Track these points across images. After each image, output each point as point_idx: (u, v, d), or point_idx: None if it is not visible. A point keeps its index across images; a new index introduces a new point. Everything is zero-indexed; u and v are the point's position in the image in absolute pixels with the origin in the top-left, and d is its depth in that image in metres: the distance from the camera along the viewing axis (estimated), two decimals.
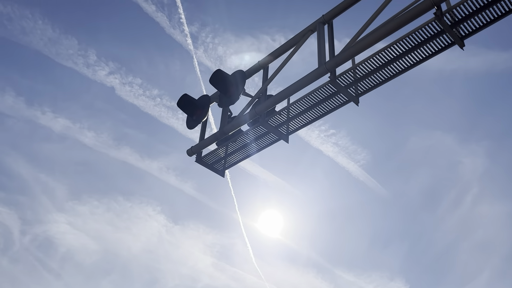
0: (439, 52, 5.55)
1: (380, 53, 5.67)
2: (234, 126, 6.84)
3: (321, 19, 6.38)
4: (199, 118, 7.28)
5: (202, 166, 7.50)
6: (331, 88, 6.18)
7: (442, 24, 5.14)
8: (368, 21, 5.66)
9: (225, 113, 7.27)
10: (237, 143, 7.19)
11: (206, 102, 7.41)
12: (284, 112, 6.66)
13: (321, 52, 6.13)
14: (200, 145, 7.32)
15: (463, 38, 5.38)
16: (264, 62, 7.07)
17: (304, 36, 6.52)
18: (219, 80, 6.82)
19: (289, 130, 6.95)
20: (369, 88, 6.14)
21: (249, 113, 6.71)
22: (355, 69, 5.93)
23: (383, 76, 5.97)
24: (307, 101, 6.43)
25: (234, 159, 7.50)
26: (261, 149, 7.23)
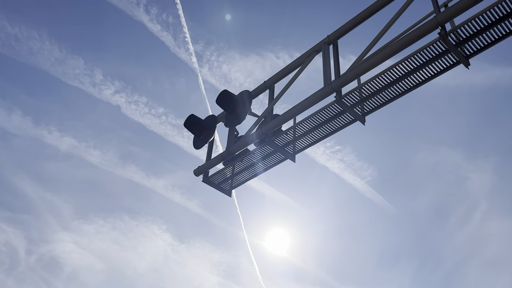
0: (444, 71, 5.58)
1: (385, 73, 5.71)
2: (241, 145, 6.86)
3: (326, 39, 6.45)
4: (206, 138, 7.31)
5: (209, 186, 7.51)
6: (337, 108, 6.21)
7: (447, 44, 5.18)
8: (373, 41, 5.71)
9: (232, 133, 7.30)
10: (244, 162, 7.21)
11: (212, 122, 7.46)
12: (291, 131, 6.68)
13: (327, 71, 6.18)
14: (207, 165, 7.34)
15: (468, 57, 5.41)
16: (270, 82, 7.13)
17: (310, 56, 6.59)
18: (225, 101, 6.88)
19: (295, 150, 6.96)
20: (375, 107, 6.16)
21: (255, 132, 6.74)
22: (360, 89, 5.97)
23: (389, 95, 5.99)
24: (313, 121, 6.46)
25: (241, 179, 7.50)
26: (268, 169, 7.24)
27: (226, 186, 7.66)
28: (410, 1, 5.53)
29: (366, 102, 6.12)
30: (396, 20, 5.65)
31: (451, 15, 4.93)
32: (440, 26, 5.02)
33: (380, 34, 5.67)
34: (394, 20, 5.62)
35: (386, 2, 5.91)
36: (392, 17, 5.62)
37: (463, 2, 4.84)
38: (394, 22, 5.64)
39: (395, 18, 5.60)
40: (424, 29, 5.11)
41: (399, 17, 5.64)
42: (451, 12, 4.92)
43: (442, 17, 4.97)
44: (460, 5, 4.85)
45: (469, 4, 4.83)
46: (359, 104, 6.15)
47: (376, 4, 5.98)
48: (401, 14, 5.59)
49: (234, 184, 7.61)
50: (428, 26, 5.07)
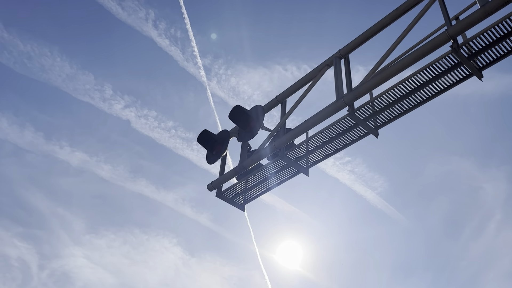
0: (457, 83, 5.59)
1: (398, 86, 5.72)
2: (254, 160, 6.90)
3: (337, 53, 6.50)
4: (219, 153, 7.36)
5: (223, 200, 7.53)
6: (350, 121, 6.23)
7: (459, 57, 5.19)
8: (385, 55, 5.74)
9: (245, 148, 7.34)
10: (257, 177, 7.23)
11: (225, 137, 7.51)
12: (303, 145, 6.70)
13: (339, 85, 6.21)
14: (221, 179, 7.37)
15: (481, 69, 5.42)
16: (282, 96, 7.18)
17: (321, 70, 6.63)
18: (238, 116, 6.93)
19: (308, 163, 6.97)
20: (388, 120, 6.17)
21: (268, 147, 6.77)
22: (373, 102, 5.99)
23: (402, 108, 6.00)
24: (326, 134, 6.48)
25: (254, 193, 7.52)
26: (281, 183, 7.25)
27: (239, 200, 7.68)
28: (421, 15, 5.57)
29: (379, 115, 6.13)
30: (408, 33, 5.69)
31: (462, 28, 4.95)
32: (452, 39, 5.04)
33: (392, 48, 5.70)
34: (405, 34, 5.65)
35: (397, 16, 5.96)
36: (404, 30, 5.65)
37: (474, 15, 4.86)
38: (405, 36, 5.67)
39: (407, 32, 5.63)
40: (436, 42, 5.13)
41: (411, 30, 5.67)
42: (462, 25, 4.94)
43: (454, 30, 4.99)
44: (471, 18, 4.87)
45: (481, 17, 4.84)
46: (372, 117, 6.16)
47: (387, 18, 6.03)
48: (412, 27, 5.62)
49: (248, 199, 7.62)
50: (440, 39, 5.09)
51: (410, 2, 5.87)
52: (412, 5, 5.86)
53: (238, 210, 7.81)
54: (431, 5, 5.53)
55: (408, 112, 6.01)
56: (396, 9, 5.96)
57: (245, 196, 7.63)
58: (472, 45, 5.22)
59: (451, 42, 5.07)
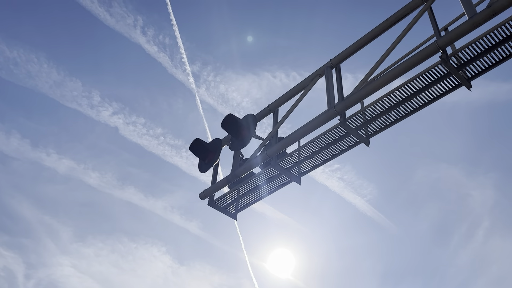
0: (447, 93, 5.68)
1: (389, 95, 5.80)
2: (246, 169, 6.91)
3: (328, 63, 6.57)
4: (211, 161, 7.37)
5: (215, 209, 7.52)
6: (342, 130, 6.28)
7: (448, 67, 5.28)
8: (376, 64, 5.82)
9: (237, 156, 7.35)
10: (249, 185, 7.24)
11: (217, 146, 7.52)
12: (295, 154, 6.74)
13: (330, 95, 6.28)
14: (213, 188, 7.37)
15: (470, 79, 5.52)
16: (274, 105, 7.22)
17: (313, 80, 6.70)
18: (230, 124, 6.96)
19: (300, 172, 7.01)
20: (379, 129, 6.24)
21: (260, 155, 6.80)
22: (364, 111, 6.05)
23: (393, 117, 6.08)
24: (317, 143, 6.52)
25: (246, 202, 7.53)
26: (273, 191, 7.27)
27: (232, 209, 7.67)
28: (411, 26, 5.66)
29: (370, 124, 6.20)
30: (398, 44, 5.78)
31: (451, 39, 5.05)
32: (441, 50, 5.13)
33: (383, 58, 5.78)
34: (395, 44, 5.74)
35: (387, 26, 6.05)
36: (394, 41, 5.74)
37: (463, 27, 4.96)
38: (395, 46, 5.76)
39: (397, 42, 5.72)
40: (425, 53, 5.21)
41: (401, 41, 5.76)
42: (451, 36, 5.04)
43: (443, 41, 5.09)
44: (460, 29, 4.97)
45: (469, 28, 4.94)
46: (363, 126, 6.23)
47: (377, 29, 6.12)
48: (402, 38, 5.71)
49: (240, 207, 7.62)
50: (430, 50, 5.18)
51: (400, 13, 5.97)
52: (402, 16, 5.96)
53: (227, 217, 7.80)
54: (421, 16, 5.62)
55: (399, 121, 6.09)
56: (386, 20, 6.06)
57: (237, 205, 7.62)
58: (461, 55, 5.32)
59: (441, 53, 5.17)
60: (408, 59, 5.38)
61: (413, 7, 5.86)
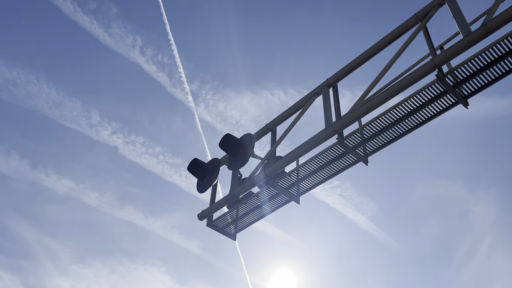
0: (444, 111, 5.68)
1: (386, 114, 5.80)
2: (244, 188, 6.87)
3: (325, 82, 6.59)
4: (210, 181, 7.33)
5: (213, 230, 7.45)
6: (340, 149, 6.27)
7: (445, 85, 5.29)
8: (372, 83, 5.83)
9: (235, 176, 7.32)
10: (248, 205, 7.19)
11: (216, 165, 7.50)
12: (294, 173, 6.71)
13: (328, 114, 6.28)
14: (211, 208, 7.31)
15: (467, 97, 5.52)
16: (272, 124, 7.22)
17: (310, 99, 6.71)
18: (228, 144, 6.95)
19: (299, 191, 6.97)
20: (377, 147, 6.22)
21: (259, 175, 6.76)
22: (362, 130, 6.05)
23: (391, 136, 6.07)
24: (316, 162, 6.50)
25: (245, 222, 7.46)
26: (273, 211, 7.21)
27: (231, 229, 7.60)
28: (407, 45, 5.70)
29: (368, 143, 6.19)
30: (394, 63, 5.81)
31: (447, 57, 5.07)
32: (437, 69, 5.15)
33: (379, 77, 5.80)
34: (392, 63, 5.77)
35: (383, 45, 6.09)
36: (390, 59, 5.77)
37: (458, 45, 4.98)
38: (392, 65, 5.79)
39: (393, 61, 5.75)
40: (421, 72, 5.23)
41: (397, 60, 5.79)
42: (446, 54, 5.06)
43: (439, 59, 5.11)
44: (455, 48, 4.99)
45: (464, 47, 4.96)
46: (361, 145, 6.21)
47: (373, 48, 6.15)
48: (398, 56, 5.74)
49: (239, 228, 7.55)
50: (425, 69, 5.19)
51: (395, 32, 6.02)
52: (398, 35, 6.00)
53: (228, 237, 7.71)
54: (416, 35, 5.66)
55: (397, 140, 6.07)
56: (382, 39, 6.10)
57: (236, 225, 7.56)
58: (457, 74, 5.34)
59: (436, 71, 5.18)
60: (405, 77, 5.40)
61: (409, 26, 5.91)
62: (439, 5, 5.64)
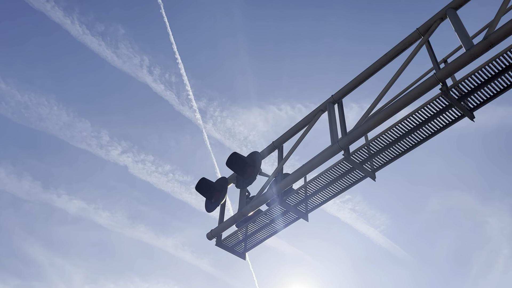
0: (451, 124, 5.64)
1: (392, 129, 5.78)
2: (253, 207, 6.85)
3: (330, 99, 6.61)
4: (218, 200, 7.33)
5: (223, 249, 7.42)
6: (347, 165, 6.25)
7: (449, 99, 5.28)
8: (377, 99, 5.83)
9: (243, 194, 7.31)
10: (257, 223, 7.16)
11: (223, 184, 7.50)
12: (302, 190, 6.69)
13: (333, 130, 6.28)
14: (220, 228, 7.29)
15: (472, 110, 5.49)
16: (278, 142, 7.24)
17: (316, 116, 6.73)
18: (235, 163, 6.96)
19: (308, 208, 6.93)
20: (384, 163, 6.19)
21: (267, 193, 6.75)
22: (368, 145, 6.03)
23: (398, 150, 6.04)
24: (323, 179, 6.48)
25: (254, 240, 7.42)
26: (282, 229, 7.17)
27: (240, 248, 7.56)
28: (410, 59, 5.70)
29: (375, 158, 6.16)
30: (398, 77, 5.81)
31: (450, 71, 5.06)
32: (441, 82, 5.14)
33: (383, 92, 5.80)
34: (396, 78, 5.77)
35: (386, 61, 6.11)
36: (394, 74, 5.77)
37: (460, 59, 4.97)
38: (396, 80, 5.79)
39: (397, 76, 5.75)
40: (425, 86, 5.21)
41: (401, 74, 5.79)
42: (450, 68, 5.05)
43: (442, 73, 5.10)
44: (458, 61, 4.98)
45: (467, 60, 4.95)
46: (368, 160, 6.19)
47: (377, 64, 6.18)
48: (402, 71, 5.75)
49: (248, 246, 7.51)
50: (429, 83, 5.18)
51: (398, 47, 6.04)
52: (401, 50, 6.02)
53: None
54: (419, 49, 5.67)
55: (404, 154, 6.04)
56: (385, 54, 6.12)
57: (245, 244, 7.52)
58: (462, 87, 5.32)
59: (440, 85, 5.17)
60: (409, 92, 5.39)
61: (411, 41, 5.93)
62: (440, 19, 5.66)
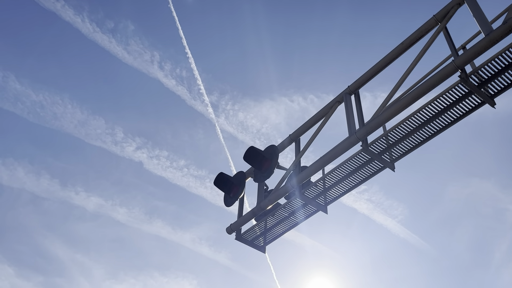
0: (471, 112, 5.54)
1: (410, 118, 5.71)
2: (271, 200, 6.86)
3: (347, 90, 6.55)
4: (236, 195, 7.36)
5: (243, 243, 7.46)
6: (365, 156, 6.20)
7: (469, 86, 5.18)
8: (394, 88, 5.76)
9: (261, 188, 7.32)
10: (276, 217, 7.17)
11: (241, 179, 7.53)
12: (320, 183, 6.66)
13: (350, 121, 6.23)
14: (239, 222, 7.33)
15: (493, 96, 5.38)
16: (295, 135, 7.22)
17: (332, 107, 6.68)
18: (252, 157, 6.97)
19: (326, 201, 6.91)
20: (403, 153, 6.12)
21: (285, 186, 6.75)
22: (387, 136, 5.97)
23: (416, 140, 5.96)
24: (342, 171, 6.44)
25: (274, 234, 7.44)
26: (300, 222, 7.17)
27: (260, 242, 7.59)
28: (427, 47, 5.61)
29: (394, 149, 6.10)
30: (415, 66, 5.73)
31: (469, 57, 4.96)
32: (460, 69, 5.04)
33: (401, 81, 5.73)
34: (413, 66, 5.69)
35: (403, 50, 6.02)
36: (411, 63, 5.69)
37: (480, 44, 4.87)
38: (413, 68, 5.71)
39: (414, 64, 5.67)
40: (444, 73, 5.12)
41: (418, 62, 5.71)
42: (469, 54, 4.95)
43: (461, 60, 5.00)
44: (477, 47, 4.88)
45: (486, 45, 4.85)
46: (387, 151, 6.13)
47: (393, 53, 6.09)
48: (419, 59, 5.66)
49: (268, 240, 7.53)
50: (448, 70, 5.09)
51: (415, 35, 5.94)
52: (417, 38, 5.92)
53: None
54: (436, 36, 5.57)
55: (423, 144, 5.96)
56: (401, 43, 6.03)
57: (265, 237, 7.54)
58: (481, 73, 5.22)
59: (459, 72, 5.08)
60: (427, 80, 5.30)
61: (428, 28, 5.83)
62: (458, 5, 5.55)
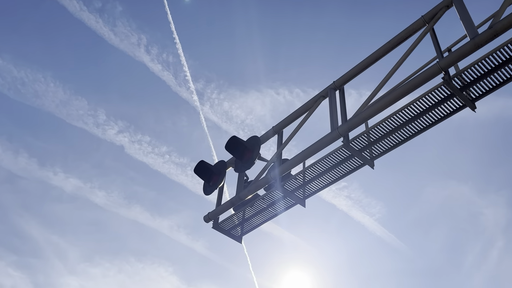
0: (452, 114, 5.61)
1: (392, 117, 5.76)
2: (250, 191, 6.87)
3: (332, 85, 6.57)
4: (216, 184, 7.34)
5: (219, 232, 7.46)
6: (346, 152, 6.24)
7: (452, 88, 5.24)
8: (378, 86, 5.79)
9: (241, 178, 7.32)
10: (254, 208, 7.19)
11: (222, 168, 7.51)
12: (300, 176, 6.69)
13: (333, 116, 6.25)
14: (217, 211, 7.32)
15: (474, 100, 5.45)
16: (278, 127, 7.21)
17: (316, 102, 6.69)
18: (234, 147, 6.95)
19: (305, 194, 6.94)
20: (383, 151, 6.18)
21: (265, 177, 6.75)
22: (368, 133, 6.01)
23: (397, 139, 6.02)
24: (322, 165, 6.47)
25: (251, 224, 7.46)
26: (278, 214, 7.20)
27: (237, 232, 7.60)
28: (414, 47, 5.65)
29: (374, 146, 6.15)
30: (401, 65, 5.77)
31: (453, 60, 5.01)
32: (443, 71, 5.09)
33: (385, 79, 5.76)
34: (398, 65, 5.72)
35: (390, 48, 6.05)
36: (397, 62, 5.73)
37: (464, 48, 4.92)
38: (398, 67, 5.74)
39: (399, 63, 5.70)
40: (427, 74, 5.17)
41: (403, 62, 5.75)
42: (453, 57, 5.00)
43: (445, 62, 5.05)
44: (462, 50, 4.93)
45: (471, 49, 4.90)
46: (367, 148, 6.17)
47: (380, 51, 6.12)
48: (405, 59, 5.70)
49: (245, 230, 7.55)
50: (432, 71, 5.14)
51: (402, 35, 5.97)
52: (405, 37, 5.96)
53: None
54: (423, 37, 5.61)
55: (404, 143, 6.02)
56: (388, 41, 6.06)
57: (242, 227, 7.56)
58: (464, 76, 5.28)
59: (443, 74, 5.13)
60: (411, 80, 5.34)
61: (416, 28, 5.86)
62: (446, 7, 5.59)
